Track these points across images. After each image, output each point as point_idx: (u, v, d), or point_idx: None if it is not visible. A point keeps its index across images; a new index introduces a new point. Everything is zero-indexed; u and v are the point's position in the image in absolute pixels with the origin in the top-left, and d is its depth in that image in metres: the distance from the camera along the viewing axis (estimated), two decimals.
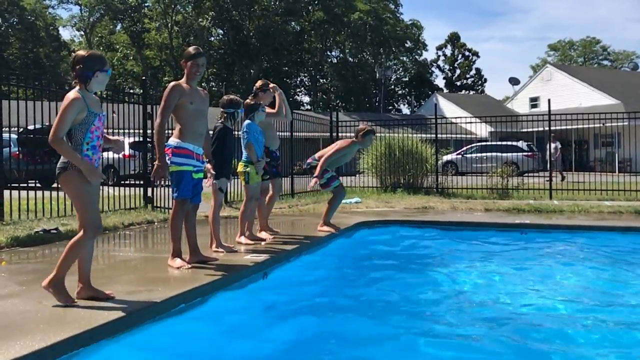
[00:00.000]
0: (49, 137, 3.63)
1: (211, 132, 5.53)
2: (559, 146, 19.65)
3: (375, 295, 4.98)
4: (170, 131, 5.45)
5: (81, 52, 3.86)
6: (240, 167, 6.29)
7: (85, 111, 3.70)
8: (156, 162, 4.75)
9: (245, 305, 4.53)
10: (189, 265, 4.94)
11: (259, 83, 6.88)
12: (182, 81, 5.01)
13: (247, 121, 6.29)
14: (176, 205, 5.03)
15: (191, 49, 5.12)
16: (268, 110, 6.73)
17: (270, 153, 6.75)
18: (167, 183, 4.81)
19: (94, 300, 3.79)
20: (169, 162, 4.83)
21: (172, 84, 4.95)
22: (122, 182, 13.00)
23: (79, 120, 3.68)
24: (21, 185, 8.18)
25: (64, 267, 3.75)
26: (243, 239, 6.36)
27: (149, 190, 9.95)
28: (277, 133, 13.51)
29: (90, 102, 3.75)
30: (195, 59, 5.02)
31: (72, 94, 3.70)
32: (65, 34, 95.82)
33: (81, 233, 3.75)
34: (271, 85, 6.84)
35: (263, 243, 6.24)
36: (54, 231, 6.88)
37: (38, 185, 11.10)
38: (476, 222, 8.80)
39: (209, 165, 5.44)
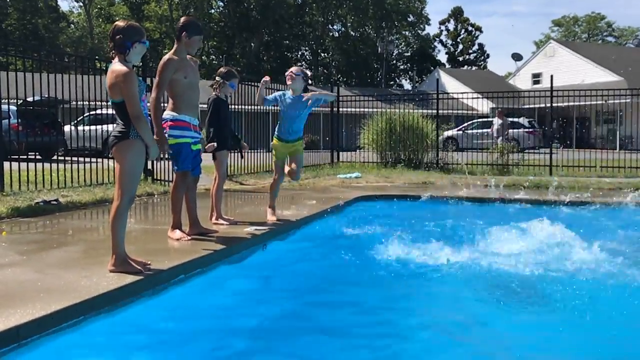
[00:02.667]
0: (132, 116, 3.67)
1: (204, 105, 5.46)
2: (507, 122, 19.16)
3: (366, 268, 5.00)
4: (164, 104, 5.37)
5: (120, 23, 3.84)
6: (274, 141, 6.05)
7: (137, 82, 3.72)
8: (154, 137, 4.70)
9: (244, 276, 4.57)
10: (189, 237, 4.97)
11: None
12: (173, 53, 4.93)
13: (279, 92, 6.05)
14: (177, 178, 5.03)
15: (197, 23, 5.05)
16: None
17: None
18: (167, 156, 4.77)
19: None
20: (166, 135, 4.80)
21: (166, 58, 4.87)
22: None
23: None
24: (21, 156, 8.18)
25: (117, 242, 3.77)
26: (269, 212, 6.15)
27: (149, 163, 9.94)
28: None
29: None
30: (200, 35, 5.01)
31: (123, 68, 3.69)
32: (64, 4, 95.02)
33: (117, 201, 3.77)
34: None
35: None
36: (54, 202, 6.91)
37: (38, 156, 11.07)
38: (476, 197, 8.82)
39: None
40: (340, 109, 16.12)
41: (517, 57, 42.55)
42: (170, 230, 5.08)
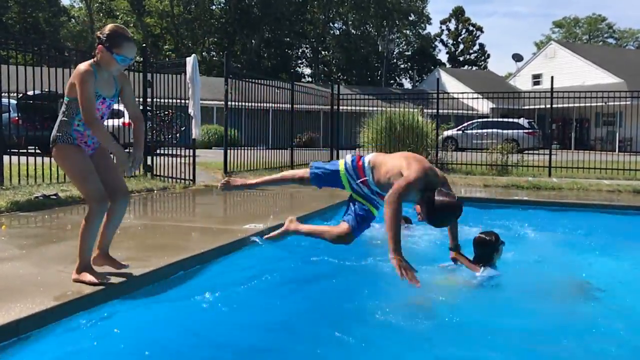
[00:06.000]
0: (85, 119, 3.36)
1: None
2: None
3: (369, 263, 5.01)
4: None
5: (111, 25, 3.52)
6: None
7: (77, 108, 3.41)
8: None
9: (242, 272, 4.57)
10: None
11: None
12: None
13: None
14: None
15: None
16: None
17: None
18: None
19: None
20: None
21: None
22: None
23: None
24: (21, 150, 8.18)
25: (83, 249, 3.53)
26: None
27: (149, 158, 9.96)
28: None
29: (100, 82, 3.44)
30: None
31: (82, 66, 3.40)
32: None
33: (89, 207, 3.50)
34: None
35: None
36: (54, 197, 6.91)
37: (38, 151, 11.09)
38: (477, 198, 8.85)
39: None
40: (340, 107, 16.14)
41: (517, 57, 42.58)
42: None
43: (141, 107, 10.05)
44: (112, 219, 3.63)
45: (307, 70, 58.78)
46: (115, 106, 3.88)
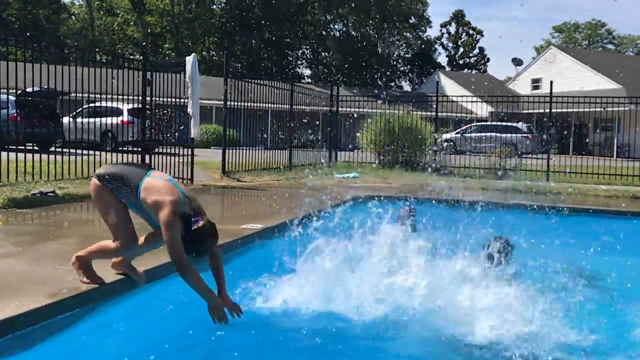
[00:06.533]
0: (177, 267, 3.22)
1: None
2: None
3: None
4: None
5: (210, 227, 3.35)
6: None
7: (134, 199, 3.38)
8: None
9: (240, 272, 4.56)
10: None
11: None
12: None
13: None
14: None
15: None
16: None
17: None
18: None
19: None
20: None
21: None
22: (120, 148, 12.96)
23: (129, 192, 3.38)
24: (18, 147, 8.16)
25: (91, 256, 3.51)
26: None
27: (147, 157, 9.94)
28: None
29: (138, 208, 3.46)
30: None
31: (172, 217, 3.25)
32: None
33: (117, 244, 3.41)
34: None
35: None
36: (51, 194, 6.90)
37: (35, 148, 11.07)
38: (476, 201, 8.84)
39: None
40: (340, 108, 16.14)
41: (517, 62, 42.62)
42: None
43: (140, 106, 10.05)
44: (152, 242, 3.56)
45: (307, 72, 58.80)
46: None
